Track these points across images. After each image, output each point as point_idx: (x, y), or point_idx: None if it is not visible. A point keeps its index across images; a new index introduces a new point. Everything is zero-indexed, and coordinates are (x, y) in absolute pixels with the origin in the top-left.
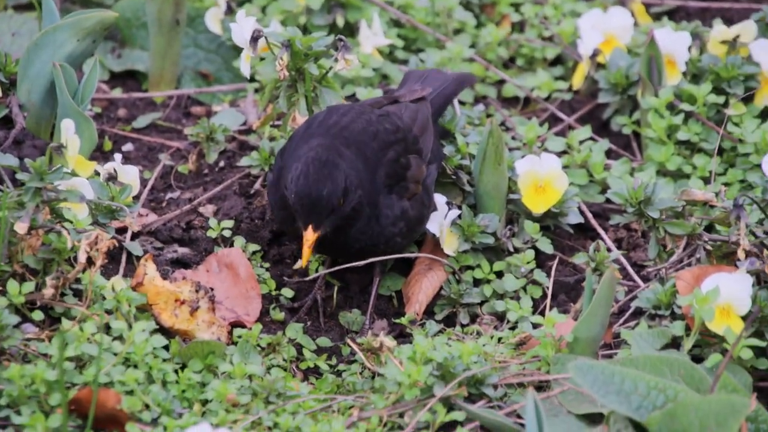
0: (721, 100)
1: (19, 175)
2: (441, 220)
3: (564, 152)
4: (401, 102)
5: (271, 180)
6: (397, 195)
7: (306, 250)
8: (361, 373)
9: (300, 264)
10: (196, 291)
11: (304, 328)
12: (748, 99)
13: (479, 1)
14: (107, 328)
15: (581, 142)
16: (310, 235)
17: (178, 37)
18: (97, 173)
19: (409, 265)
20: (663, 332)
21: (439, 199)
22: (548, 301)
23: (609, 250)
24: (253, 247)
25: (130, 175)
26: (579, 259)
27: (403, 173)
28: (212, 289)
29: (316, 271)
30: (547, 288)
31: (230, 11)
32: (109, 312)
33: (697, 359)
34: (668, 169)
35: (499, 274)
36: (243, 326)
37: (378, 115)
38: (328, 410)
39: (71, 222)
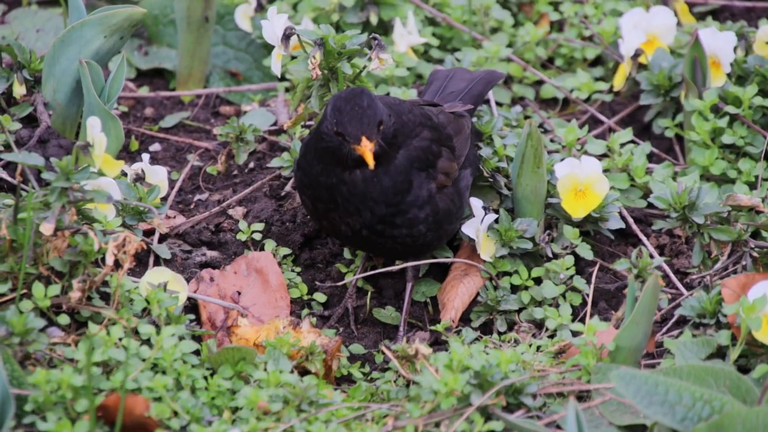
0: (767, 102)
1: (45, 175)
2: (477, 225)
3: (604, 155)
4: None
5: (296, 161)
6: (428, 181)
7: (368, 154)
8: (395, 381)
9: (370, 165)
10: None
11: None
12: None
13: None
14: (135, 333)
15: (622, 145)
16: (365, 144)
17: (207, 34)
18: (124, 174)
19: (444, 270)
20: (708, 341)
21: (476, 203)
22: (588, 308)
23: (651, 256)
24: (284, 251)
25: (159, 175)
26: (620, 265)
27: (433, 160)
28: (239, 293)
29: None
30: (587, 295)
31: (261, 8)
32: (137, 316)
33: (744, 370)
34: (712, 174)
35: (538, 281)
36: None
37: (413, 104)
38: (361, 419)
39: (101, 222)
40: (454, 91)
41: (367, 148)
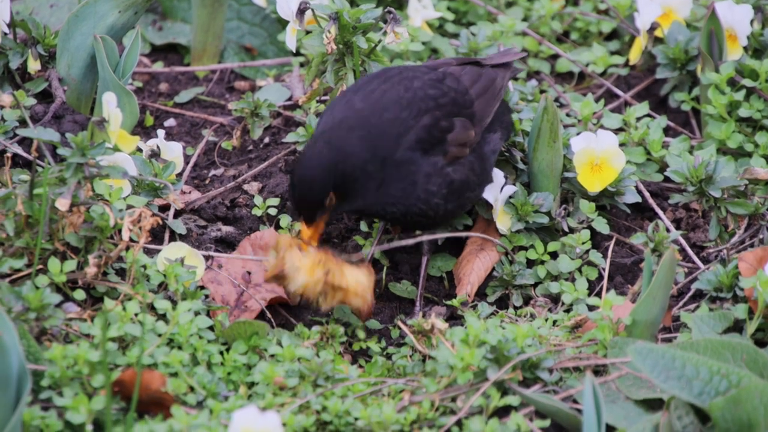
0: None
1: (60, 150)
2: (496, 193)
3: (620, 129)
4: (483, 65)
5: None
6: (434, 156)
7: (308, 242)
8: (411, 356)
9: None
10: None
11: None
12: None
13: None
14: (151, 308)
15: (638, 119)
16: (304, 232)
17: (222, 9)
18: (139, 149)
19: (460, 245)
20: (725, 315)
21: (497, 172)
22: (605, 282)
23: (668, 230)
24: (299, 226)
25: (174, 151)
26: (637, 239)
27: (441, 136)
28: (249, 273)
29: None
30: (604, 269)
31: None
32: (152, 291)
33: (761, 343)
34: (729, 147)
35: (554, 255)
36: (285, 303)
37: (427, 79)
38: (377, 394)
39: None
40: None
41: (304, 235)
